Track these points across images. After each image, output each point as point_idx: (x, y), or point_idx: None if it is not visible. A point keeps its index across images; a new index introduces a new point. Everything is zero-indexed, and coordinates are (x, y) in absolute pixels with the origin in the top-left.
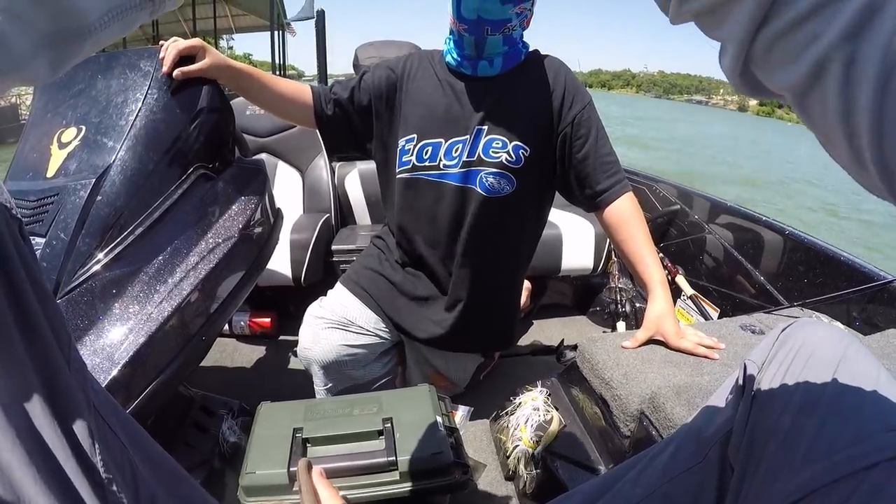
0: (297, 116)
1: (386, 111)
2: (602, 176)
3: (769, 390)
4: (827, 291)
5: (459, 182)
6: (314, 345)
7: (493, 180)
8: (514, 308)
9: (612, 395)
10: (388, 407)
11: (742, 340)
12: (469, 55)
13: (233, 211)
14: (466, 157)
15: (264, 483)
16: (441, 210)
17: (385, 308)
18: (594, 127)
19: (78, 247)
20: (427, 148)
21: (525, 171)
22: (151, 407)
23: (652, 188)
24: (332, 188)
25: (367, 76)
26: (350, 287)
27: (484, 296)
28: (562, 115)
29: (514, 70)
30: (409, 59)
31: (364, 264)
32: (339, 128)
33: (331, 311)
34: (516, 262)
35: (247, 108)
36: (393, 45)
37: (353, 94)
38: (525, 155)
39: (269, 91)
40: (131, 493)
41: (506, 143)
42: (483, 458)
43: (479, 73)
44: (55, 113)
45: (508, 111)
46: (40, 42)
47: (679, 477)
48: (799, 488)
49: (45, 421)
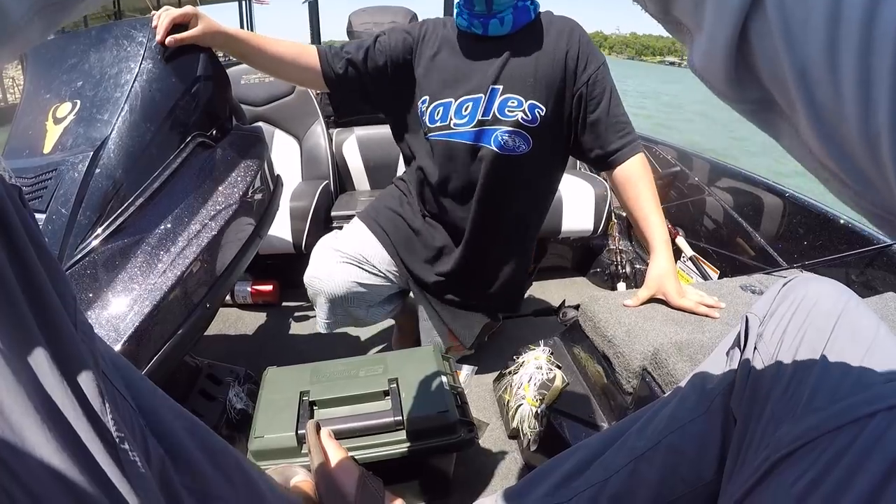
0: (301, 77)
1: (402, 73)
2: (615, 136)
3: (771, 341)
4: (826, 254)
5: (471, 140)
6: (327, 277)
7: (508, 138)
8: (524, 271)
9: (615, 352)
10: (394, 367)
11: (742, 300)
12: (479, 12)
13: (232, 178)
14: (481, 115)
15: (273, 447)
16: (454, 168)
17: (400, 252)
18: (608, 87)
19: (79, 221)
20: (438, 109)
21: (541, 129)
22: (158, 377)
23: (652, 150)
24: (329, 155)
25: (383, 38)
26: (369, 224)
27: (495, 256)
28: (577, 74)
29: (525, 29)
30: (424, 24)
31: (385, 203)
32: (350, 86)
33: (348, 245)
34: (527, 222)
35: (241, 77)
36: (388, 11)
37: (368, 54)
38: (541, 114)
39: (269, 53)
40: (143, 454)
41: (521, 102)
42: (486, 417)
43: (490, 33)
44: (48, 89)
45: (523, 70)
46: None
47: (683, 427)
48: (801, 435)
49: (54, 381)
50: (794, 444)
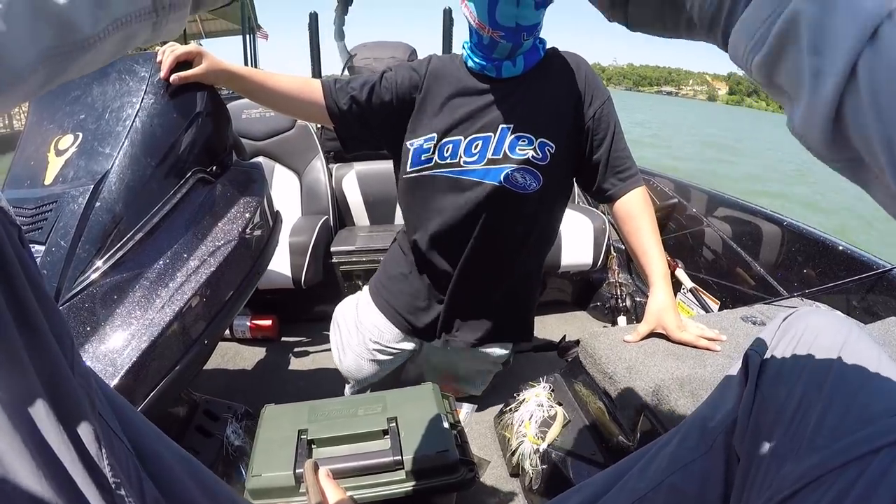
0: (305, 112)
1: (406, 110)
2: (617, 170)
3: (773, 377)
4: (826, 281)
5: (481, 178)
6: (356, 371)
7: (519, 176)
8: (532, 301)
9: (616, 388)
10: (393, 406)
11: (743, 332)
12: (497, 58)
13: (232, 214)
14: (492, 154)
15: (271, 485)
16: (461, 206)
17: (410, 320)
18: (612, 122)
19: (78, 254)
20: (448, 146)
21: (551, 167)
22: (155, 412)
23: (650, 182)
24: (329, 190)
25: (389, 74)
26: (379, 304)
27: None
28: (584, 110)
29: (535, 68)
30: (430, 62)
31: (388, 273)
32: (354, 122)
33: (369, 336)
34: (536, 257)
35: (242, 111)
36: (387, 47)
37: (374, 90)
38: (551, 152)
39: (273, 89)
40: (139, 498)
41: (532, 141)
42: (488, 455)
43: (503, 75)
44: (51, 121)
45: (533, 109)
46: (39, 56)
47: (685, 467)
48: (805, 474)
49: (50, 426)
50: (798, 484)
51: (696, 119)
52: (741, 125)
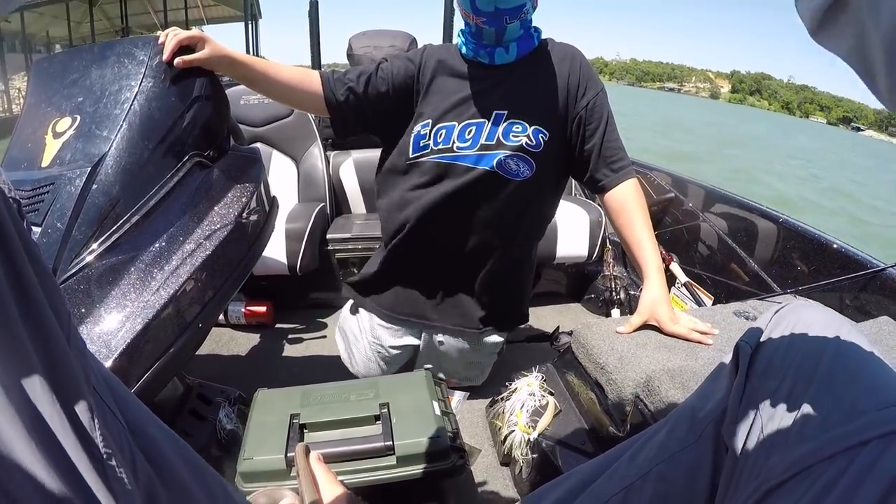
0: (303, 102)
1: (403, 99)
2: (609, 161)
3: (763, 369)
4: (820, 279)
5: (474, 164)
6: (365, 371)
7: (511, 162)
8: (526, 289)
9: (607, 379)
10: (385, 392)
11: (736, 326)
12: (487, 44)
13: (228, 199)
14: (485, 140)
15: (262, 469)
16: (453, 191)
17: (409, 313)
18: (605, 113)
19: (74, 235)
20: (441, 131)
21: (544, 154)
22: (148, 394)
23: (646, 176)
24: (326, 177)
25: (385, 65)
26: (369, 307)
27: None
28: (577, 100)
29: (529, 56)
30: (425, 51)
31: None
32: (351, 112)
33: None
34: (528, 245)
35: (241, 97)
36: (387, 35)
37: (371, 81)
38: (544, 139)
39: (273, 78)
40: (130, 471)
41: (526, 128)
42: (478, 444)
43: (496, 62)
44: (49, 103)
45: (527, 96)
46: None
47: (674, 456)
48: (793, 464)
49: (45, 396)
50: (786, 474)
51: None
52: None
